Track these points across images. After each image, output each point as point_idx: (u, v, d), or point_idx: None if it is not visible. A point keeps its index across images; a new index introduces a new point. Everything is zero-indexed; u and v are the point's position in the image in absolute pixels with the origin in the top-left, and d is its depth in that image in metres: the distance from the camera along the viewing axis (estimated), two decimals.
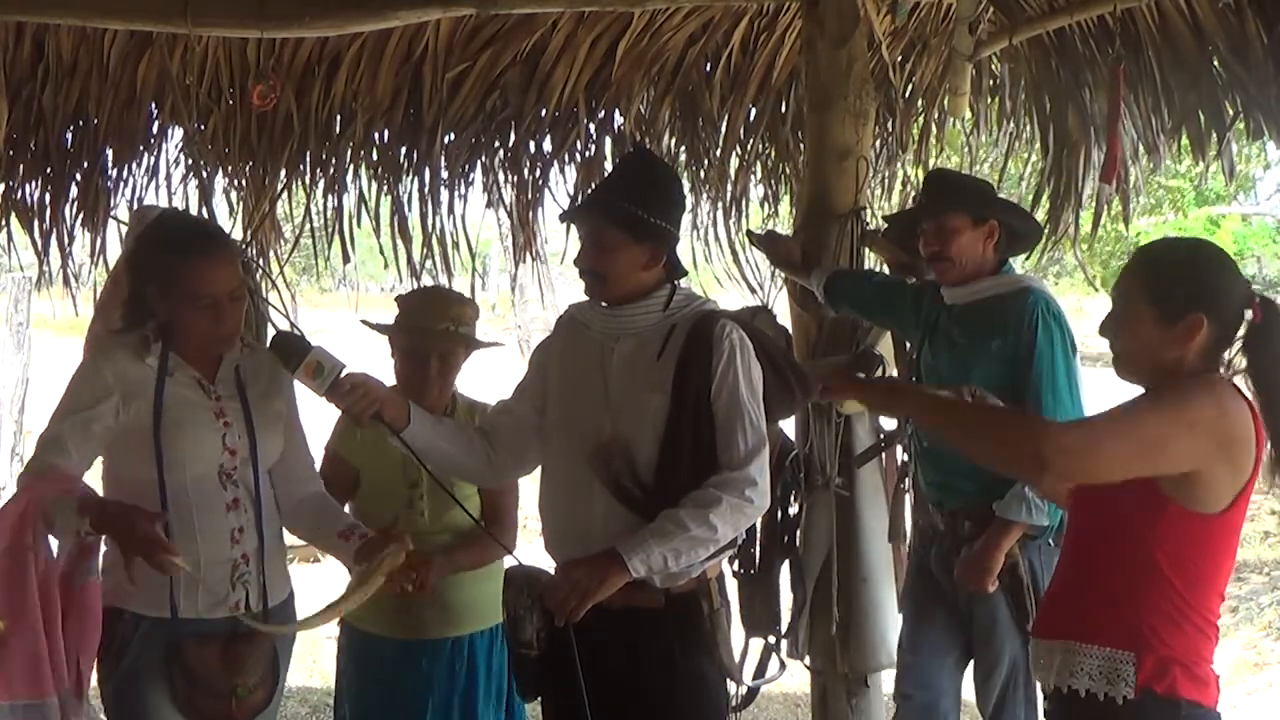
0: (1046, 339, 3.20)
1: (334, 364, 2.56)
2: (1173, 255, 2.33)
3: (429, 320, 3.23)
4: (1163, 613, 2.12)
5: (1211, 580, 2.16)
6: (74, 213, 4.78)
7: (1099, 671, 2.14)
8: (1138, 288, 2.24)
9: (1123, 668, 2.12)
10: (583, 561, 2.55)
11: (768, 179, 5.24)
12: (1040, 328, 3.20)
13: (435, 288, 4.30)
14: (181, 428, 2.71)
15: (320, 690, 5.86)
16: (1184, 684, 2.11)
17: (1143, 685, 2.10)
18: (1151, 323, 2.21)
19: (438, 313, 3.24)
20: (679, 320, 2.68)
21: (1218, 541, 2.14)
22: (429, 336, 3.21)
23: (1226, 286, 2.24)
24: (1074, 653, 2.18)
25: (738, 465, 2.60)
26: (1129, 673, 2.11)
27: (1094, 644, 2.16)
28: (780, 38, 4.74)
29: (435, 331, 3.21)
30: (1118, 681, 2.12)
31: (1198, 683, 2.13)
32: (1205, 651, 2.16)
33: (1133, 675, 2.10)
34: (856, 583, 3.75)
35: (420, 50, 4.58)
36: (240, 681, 2.73)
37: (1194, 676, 2.12)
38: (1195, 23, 4.08)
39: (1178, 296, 2.19)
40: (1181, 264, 2.28)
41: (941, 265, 3.39)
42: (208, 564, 2.72)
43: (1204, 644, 2.16)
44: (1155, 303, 2.21)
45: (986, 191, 3.56)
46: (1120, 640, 2.14)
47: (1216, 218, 13.42)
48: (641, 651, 2.61)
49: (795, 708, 5.53)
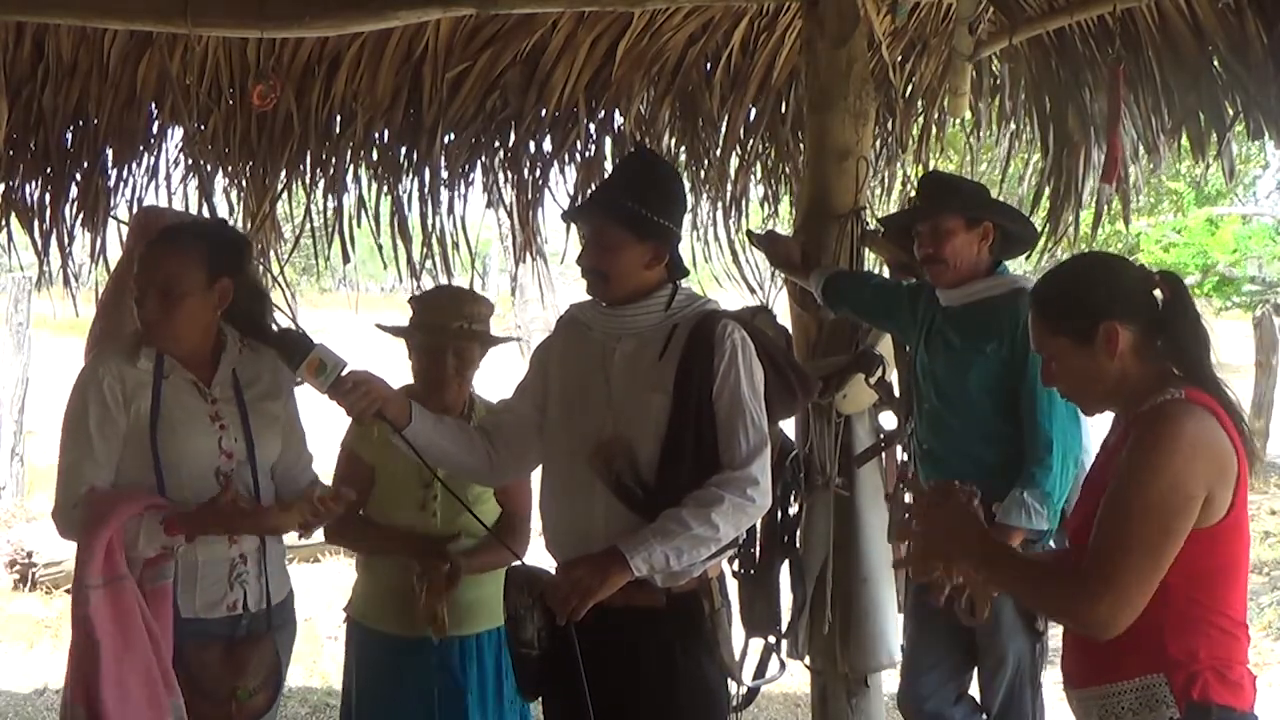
0: None
1: (336, 362, 2.57)
2: (1054, 285, 2.30)
3: (444, 318, 3.23)
4: (1184, 626, 2.08)
5: (1229, 583, 2.14)
6: (74, 213, 4.78)
7: (1139, 704, 2.09)
8: (1042, 330, 2.25)
9: (1158, 690, 2.08)
10: (584, 560, 2.55)
11: (767, 179, 5.24)
12: None
13: (449, 286, 4.29)
14: (176, 431, 2.71)
15: (320, 690, 5.86)
16: (1216, 689, 2.07)
17: (1183, 701, 2.06)
18: (1073, 354, 2.20)
19: (453, 310, 3.25)
20: (681, 320, 2.68)
21: (1228, 545, 2.11)
22: (445, 334, 3.21)
23: (1117, 283, 2.23)
24: (1109, 695, 2.13)
25: (740, 464, 2.60)
26: (1165, 694, 2.07)
27: (1124, 679, 2.11)
28: (780, 38, 4.74)
29: (451, 329, 3.22)
30: (1159, 706, 2.07)
31: (1230, 686, 2.09)
32: (1235, 654, 2.13)
33: (1169, 695, 2.07)
34: (856, 583, 3.75)
35: (420, 50, 4.58)
36: (241, 684, 2.73)
37: (1226, 681, 2.09)
38: (1195, 23, 4.08)
39: (1078, 317, 2.19)
40: (1065, 287, 2.27)
41: (936, 267, 3.40)
42: (205, 563, 2.73)
43: (1232, 646, 2.13)
44: (1063, 334, 2.21)
45: (981, 194, 3.57)
46: (1148, 665, 2.09)
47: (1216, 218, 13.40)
48: (642, 651, 2.61)
49: (795, 708, 5.53)
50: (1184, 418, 2.07)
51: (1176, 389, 2.12)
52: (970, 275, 3.38)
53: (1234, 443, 2.09)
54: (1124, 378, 2.18)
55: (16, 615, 7.20)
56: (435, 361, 3.21)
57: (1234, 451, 2.09)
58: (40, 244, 4.81)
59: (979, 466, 3.28)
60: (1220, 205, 13.47)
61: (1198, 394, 2.11)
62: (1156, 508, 2.02)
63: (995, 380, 3.31)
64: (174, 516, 2.63)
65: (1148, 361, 2.18)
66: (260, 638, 2.79)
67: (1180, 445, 2.04)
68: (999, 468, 3.25)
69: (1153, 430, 2.08)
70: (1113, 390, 2.20)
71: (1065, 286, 2.28)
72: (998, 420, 3.31)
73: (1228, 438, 2.09)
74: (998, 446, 3.27)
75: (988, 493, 3.18)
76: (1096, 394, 2.25)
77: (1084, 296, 2.21)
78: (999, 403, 3.31)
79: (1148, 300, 2.22)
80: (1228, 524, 2.08)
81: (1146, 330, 2.19)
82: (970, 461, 3.31)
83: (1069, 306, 2.22)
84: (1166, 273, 2.28)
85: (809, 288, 3.75)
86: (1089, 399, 2.28)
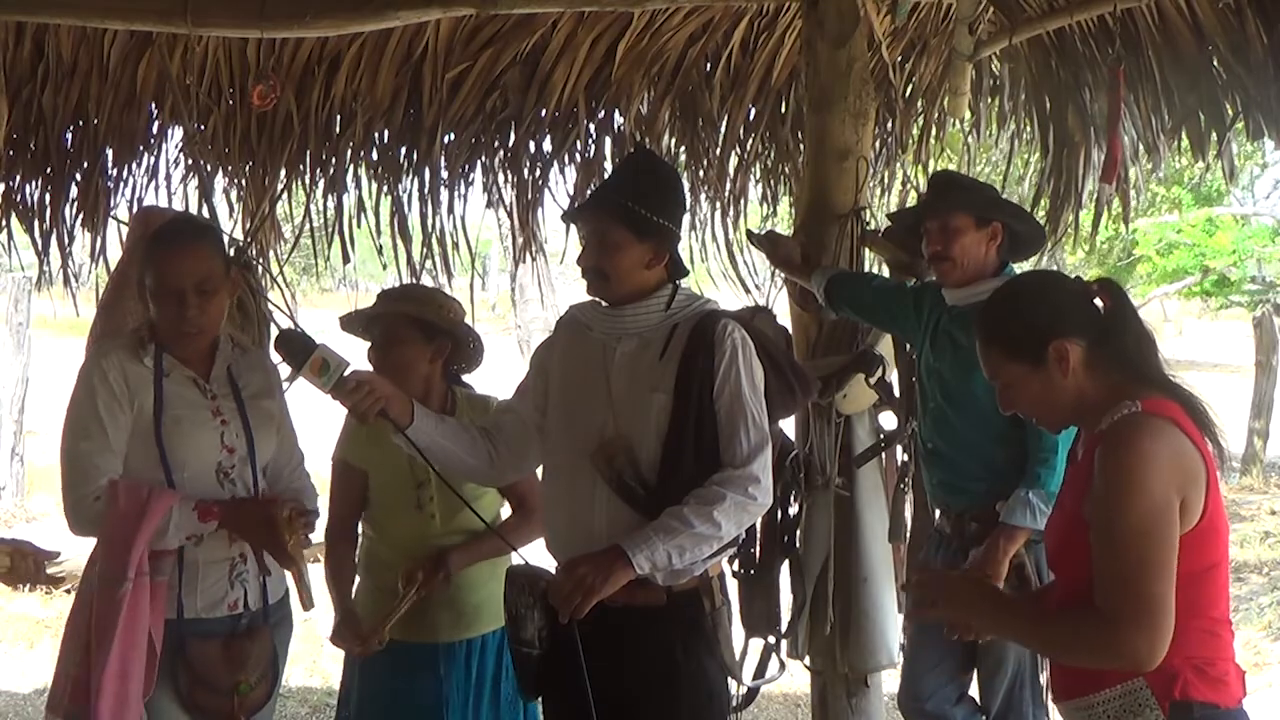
0: None
1: (339, 362, 2.57)
2: (997, 313, 2.30)
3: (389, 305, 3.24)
4: None
5: (1208, 584, 2.12)
6: (74, 213, 4.78)
7: (1123, 710, 2.09)
8: (993, 358, 2.26)
9: (1140, 695, 2.07)
10: (586, 558, 2.55)
11: (767, 179, 5.24)
12: None
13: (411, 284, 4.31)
14: (180, 426, 2.73)
15: (320, 690, 5.86)
16: (1196, 687, 2.07)
17: (1165, 701, 2.06)
18: (1029, 378, 2.20)
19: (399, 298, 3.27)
20: (681, 320, 2.69)
21: (1204, 549, 2.10)
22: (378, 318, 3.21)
23: (1058, 300, 2.23)
24: (1094, 705, 2.13)
25: (741, 463, 2.60)
26: (1147, 697, 2.07)
27: (1106, 688, 2.10)
28: (780, 38, 4.74)
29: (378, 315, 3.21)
30: (1143, 710, 2.07)
31: (1212, 683, 2.09)
32: (1217, 651, 2.12)
33: (1151, 698, 2.06)
34: (856, 583, 3.75)
35: (420, 50, 4.58)
36: (243, 678, 2.75)
37: (1207, 677, 2.08)
38: (1195, 23, 4.08)
39: (1025, 341, 2.19)
40: (1006, 314, 2.28)
41: (943, 265, 3.38)
42: (205, 563, 2.74)
43: (1214, 644, 2.12)
44: (1015, 359, 2.21)
45: (991, 194, 3.55)
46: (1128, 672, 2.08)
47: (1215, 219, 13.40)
48: (643, 650, 2.61)
49: (795, 708, 5.54)
50: (1143, 436, 2.06)
51: (1132, 401, 2.10)
52: (977, 275, 3.36)
53: (1199, 447, 2.09)
54: (1080, 393, 2.18)
55: (16, 615, 7.21)
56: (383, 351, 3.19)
57: (1200, 456, 2.08)
58: (40, 244, 4.82)
59: (984, 466, 3.29)
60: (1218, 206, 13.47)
61: (1154, 403, 2.10)
62: (1148, 532, 2.02)
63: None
64: (209, 503, 2.67)
65: (1100, 374, 2.18)
66: (258, 632, 2.81)
67: (1148, 465, 2.03)
68: (1003, 467, 3.25)
69: (1115, 456, 2.07)
70: (1073, 408, 2.21)
71: (1008, 313, 2.28)
72: (1002, 420, 3.29)
73: (1191, 444, 2.08)
74: (1002, 446, 3.26)
75: (997, 493, 3.22)
76: (1058, 414, 2.25)
77: (1029, 320, 2.22)
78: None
79: (1090, 311, 2.22)
80: (1203, 528, 2.08)
81: (1094, 342, 2.18)
82: (975, 461, 3.30)
83: (1016, 332, 2.22)
84: (1104, 280, 2.28)
85: (810, 288, 3.74)
86: (1052, 419, 2.28)
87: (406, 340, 3.18)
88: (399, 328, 3.18)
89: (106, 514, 2.63)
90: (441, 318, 3.22)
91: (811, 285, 3.72)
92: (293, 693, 5.71)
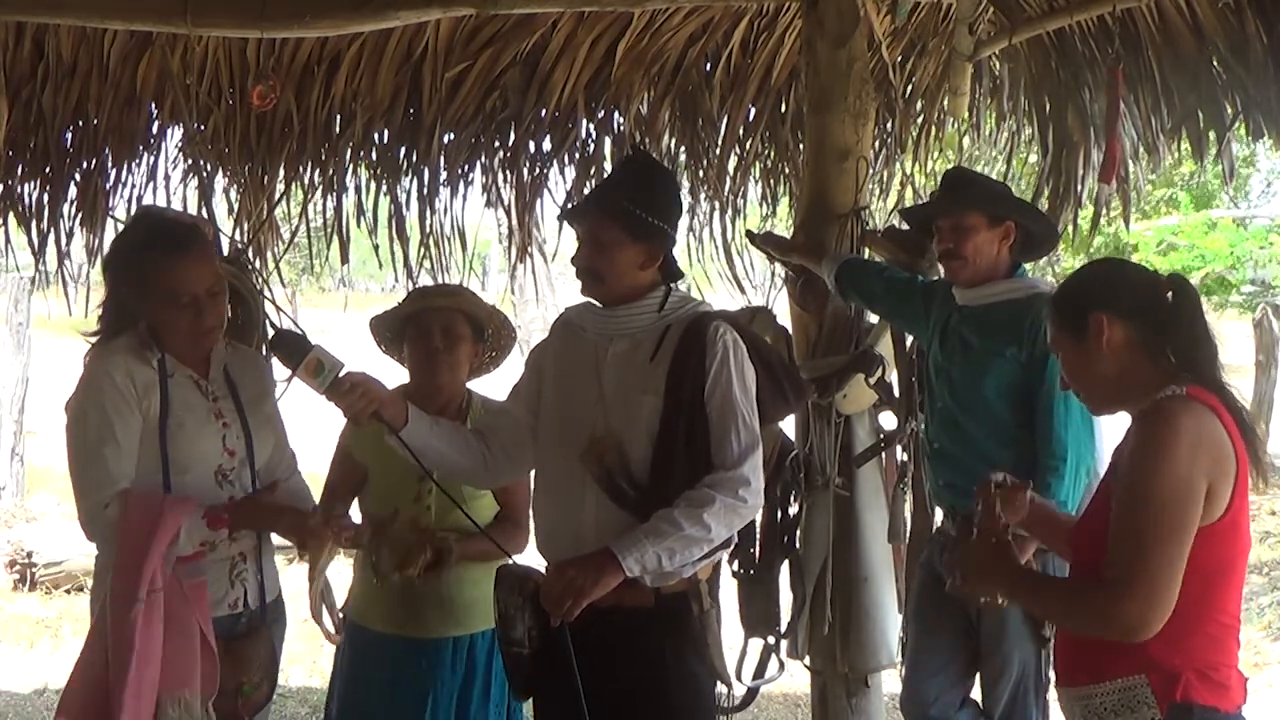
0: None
1: (334, 363, 2.57)
2: (1063, 288, 2.41)
3: (426, 299, 3.30)
4: (1173, 626, 2.05)
5: (1224, 584, 2.13)
6: (73, 213, 4.78)
7: (1120, 704, 2.10)
8: (1053, 329, 2.34)
9: (1139, 692, 2.08)
10: (576, 561, 2.56)
11: (767, 179, 5.24)
12: None
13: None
14: (185, 429, 2.72)
15: (320, 690, 5.84)
16: (1199, 690, 2.07)
17: (1164, 702, 2.07)
18: (1072, 349, 2.28)
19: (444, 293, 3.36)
20: (673, 321, 2.69)
21: (1225, 546, 2.10)
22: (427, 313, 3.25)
23: (1113, 280, 2.30)
24: (1092, 695, 2.14)
25: (731, 465, 2.60)
26: (1146, 695, 2.07)
27: (1107, 680, 2.12)
28: (780, 38, 4.74)
29: (434, 306, 3.27)
30: (1140, 707, 2.08)
31: (1214, 687, 2.09)
32: (1222, 656, 2.12)
33: (1150, 696, 2.07)
34: (856, 583, 3.74)
35: (420, 50, 4.58)
36: (246, 679, 2.75)
37: (1210, 681, 2.09)
38: (1195, 23, 4.08)
39: (1073, 312, 2.26)
40: (1068, 287, 2.38)
41: (955, 263, 3.36)
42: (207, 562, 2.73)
43: (1220, 649, 2.12)
44: (1065, 329, 2.29)
45: (1005, 193, 3.53)
46: (1131, 666, 2.09)
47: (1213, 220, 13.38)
48: (630, 651, 2.61)
49: (795, 708, 5.53)
50: (1181, 412, 2.09)
51: (1179, 386, 2.13)
52: (989, 275, 3.34)
53: (1234, 442, 2.10)
54: (1125, 375, 2.19)
55: (16, 615, 7.20)
56: (424, 341, 3.24)
57: (1233, 450, 2.09)
58: (37, 244, 4.81)
59: (991, 468, 3.26)
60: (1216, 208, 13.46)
61: (1200, 392, 2.12)
62: (1168, 503, 2.03)
63: (1012, 383, 3.26)
64: (217, 510, 2.67)
65: (1149, 359, 2.19)
66: (258, 633, 2.81)
67: (1180, 439, 2.05)
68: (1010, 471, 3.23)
69: (1151, 427, 2.09)
70: (1115, 386, 2.22)
71: (1068, 284, 2.37)
72: (1012, 424, 3.28)
73: (1227, 436, 2.09)
74: (1010, 449, 3.24)
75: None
76: (1099, 391, 2.27)
77: (1079, 292, 2.29)
78: (1015, 406, 3.27)
79: (1149, 298, 2.23)
80: (1225, 523, 2.08)
81: (1146, 327, 2.20)
82: (982, 462, 3.26)
83: (1067, 304, 2.30)
84: (1176, 275, 2.30)
85: (820, 273, 3.72)
86: (1093, 397, 2.31)
87: (464, 337, 3.27)
88: (457, 324, 3.25)
89: (119, 528, 2.61)
90: (490, 316, 3.33)
91: (823, 271, 3.70)
92: (293, 693, 5.70)
